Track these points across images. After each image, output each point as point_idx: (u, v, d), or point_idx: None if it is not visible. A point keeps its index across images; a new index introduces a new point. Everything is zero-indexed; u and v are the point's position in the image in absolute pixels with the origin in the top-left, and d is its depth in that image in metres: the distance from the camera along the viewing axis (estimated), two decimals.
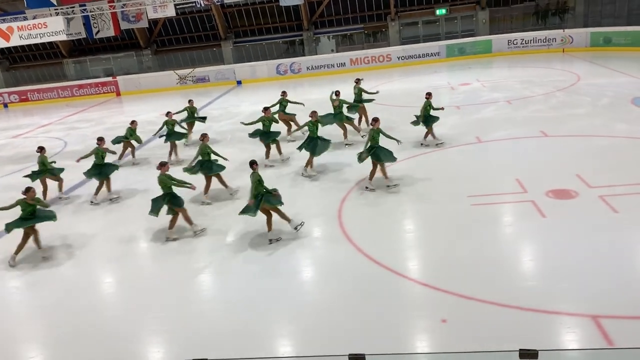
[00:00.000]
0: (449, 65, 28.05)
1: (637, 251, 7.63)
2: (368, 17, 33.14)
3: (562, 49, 27.64)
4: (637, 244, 7.76)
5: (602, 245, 7.68)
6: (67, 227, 10.81)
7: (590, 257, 7.40)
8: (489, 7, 31.58)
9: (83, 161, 12.68)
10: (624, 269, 7.06)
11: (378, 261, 7.93)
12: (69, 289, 8.42)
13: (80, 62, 35.80)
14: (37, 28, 23.94)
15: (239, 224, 9.98)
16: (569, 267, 7.22)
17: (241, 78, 30.84)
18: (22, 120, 27.07)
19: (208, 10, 32.39)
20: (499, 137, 13.52)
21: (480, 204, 9.57)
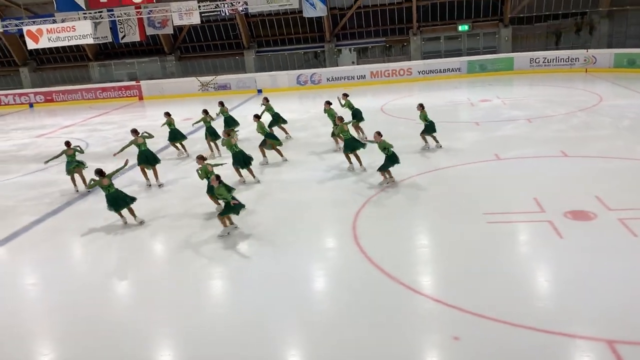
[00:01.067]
0: (470, 81, 27.98)
1: None
2: (390, 31, 33.27)
3: (585, 69, 27.42)
4: None
5: (620, 269, 7.56)
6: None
7: (607, 281, 7.30)
8: (512, 25, 31.50)
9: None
10: None
11: (391, 275, 7.91)
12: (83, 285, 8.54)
13: (105, 66, 36.45)
14: (65, 31, 24.46)
15: (251, 230, 10.05)
16: (585, 290, 7.13)
17: (262, 87, 31.11)
18: (46, 121, 27.60)
19: (232, 19, 32.82)
20: (518, 155, 13.43)
21: (497, 221, 9.51)
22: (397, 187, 11.78)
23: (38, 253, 10.04)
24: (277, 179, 13.38)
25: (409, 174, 12.60)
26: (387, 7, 32.32)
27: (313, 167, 14.07)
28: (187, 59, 35.70)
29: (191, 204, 11.91)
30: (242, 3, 28.50)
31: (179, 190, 13.11)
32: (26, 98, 34.05)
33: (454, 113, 19.93)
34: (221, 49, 35.40)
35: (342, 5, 32.64)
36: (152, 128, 19.85)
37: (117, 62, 36.26)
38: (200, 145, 17.05)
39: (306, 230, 9.95)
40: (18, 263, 9.83)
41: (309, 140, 17.34)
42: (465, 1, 31.51)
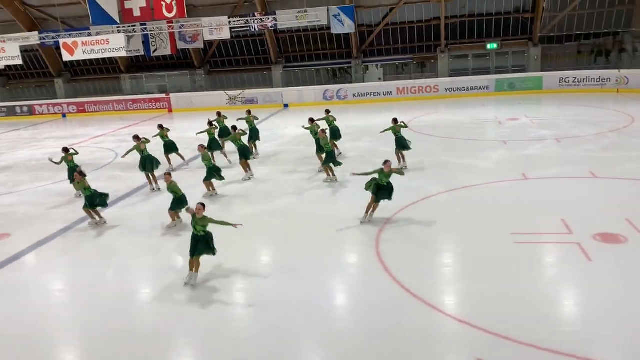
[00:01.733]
0: (498, 99, 27.76)
1: None
2: (418, 48, 33.28)
3: (616, 90, 26.94)
4: None
5: None
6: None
7: (637, 307, 7.10)
8: (541, 44, 31.20)
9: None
10: None
11: (414, 293, 7.83)
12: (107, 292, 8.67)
13: (136, 78, 37.27)
14: (99, 44, 25.16)
15: (274, 243, 10.08)
16: (613, 315, 6.94)
17: (288, 102, 31.39)
18: (78, 131, 28.30)
19: (262, 34, 33.28)
20: (545, 175, 13.23)
21: (524, 242, 9.35)
22: (421, 204, 11.70)
23: (66, 260, 10.25)
24: (300, 192, 13.42)
25: (434, 191, 12.52)
26: (416, 25, 32.37)
27: (339, 182, 14.07)
28: (216, 73, 36.28)
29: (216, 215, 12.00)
30: (271, 19, 28.93)
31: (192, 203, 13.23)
32: (60, 108, 35.00)
33: (480, 131, 19.76)
34: (249, 64, 35.89)
35: (370, 22, 32.82)
36: (180, 139, 20.18)
37: (148, 74, 37.05)
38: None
39: (329, 245, 9.94)
40: (46, 269, 10.03)
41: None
42: (495, 19, 31.38)
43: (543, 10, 29.66)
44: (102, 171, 17.40)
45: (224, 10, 32.23)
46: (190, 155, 18.00)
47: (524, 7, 30.81)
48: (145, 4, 27.53)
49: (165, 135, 16.69)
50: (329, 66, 34.82)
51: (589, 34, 30.75)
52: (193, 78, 36.23)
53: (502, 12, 31.11)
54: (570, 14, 30.07)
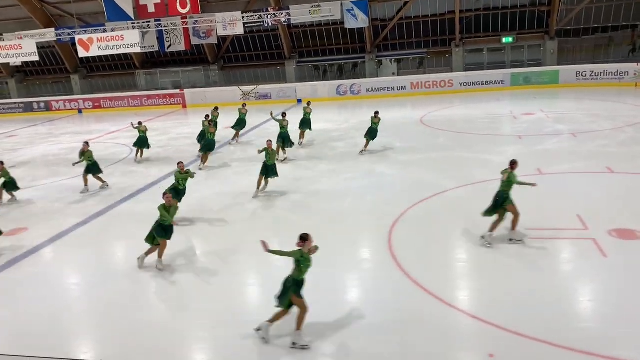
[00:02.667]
0: (513, 94, 27.48)
1: None
2: (432, 42, 33.04)
3: (635, 83, 26.52)
4: None
5: None
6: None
7: None
8: (557, 38, 30.78)
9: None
10: None
11: (427, 288, 7.82)
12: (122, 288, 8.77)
13: (151, 74, 37.53)
14: (114, 40, 25.35)
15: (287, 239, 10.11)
16: (629, 312, 6.87)
17: (302, 97, 31.38)
18: (94, 126, 28.59)
19: (275, 30, 33.28)
20: (561, 170, 13.09)
21: (539, 237, 9.28)
22: (435, 199, 11.65)
23: (82, 254, 10.38)
24: (313, 188, 13.44)
25: (448, 186, 12.46)
26: (430, 19, 32.12)
27: (351, 177, 14.07)
28: (230, 69, 36.38)
29: (231, 210, 12.09)
30: (284, 14, 28.92)
31: (205, 198, 13.32)
32: (76, 104, 35.39)
33: (495, 126, 19.59)
34: (263, 59, 35.92)
35: (384, 16, 32.64)
36: (194, 135, 20.30)
37: (163, 70, 37.27)
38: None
39: (342, 240, 9.94)
40: (62, 263, 10.18)
41: (347, 150, 17.36)
42: (510, 13, 31.01)
43: (560, 3, 29.24)
44: (117, 166, 17.57)
45: (238, 6, 32.26)
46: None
47: (541, 0, 30.42)
48: (159, 0, 27.70)
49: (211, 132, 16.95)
50: (343, 61, 34.72)
51: (606, 26, 30.27)
52: (207, 73, 36.38)
53: (518, 5, 30.73)
54: (588, 6, 29.60)
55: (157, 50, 32.95)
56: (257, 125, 23.61)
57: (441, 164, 14.55)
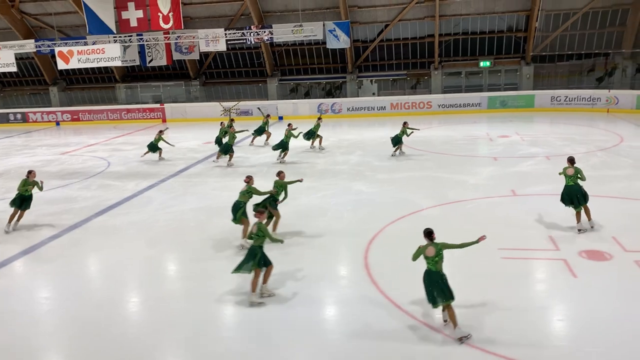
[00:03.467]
0: (490, 116, 28.04)
1: None
2: (412, 64, 33.63)
3: (606, 109, 27.31)
4: None
5: (634, 312, 7.43)
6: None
7: (621, 323, 7.16)
8: (533, 63, 31.62)
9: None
10: None
11: (401, 306, 7.87)
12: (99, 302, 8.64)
13: (131, 88, 37.37)
14: (95, 53, 25.21)
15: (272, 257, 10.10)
16: (598, 331, 7.01)
17: (283, 114, 31.54)
18: (71, 139, 28.27)
19: (258, 47, 33.54)
20: (535, 191, 13.37)
21: (511, 257, 9.43)
22: (411, 218, 11.78)
23: (54, 267, 10.21)
24: (292, 204, 13.44)
25: (424, 205, 12.61)
26: (410, 42, 32.75)
27: (329, 194, 14.15)
28: (212, 84, 36.44)
29: (206, 228, 12.05)
30: (267, 32, 29.18)
31: (182, 213, 13.26)
32: (53, 116, 34.99)
33: (472, 147, 19.94)
34: (245, 76, 36.09)
35: (365, 38, 33.16)
36: (173, 150, 20.30)
37: (143, 84, 37.15)
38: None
39: (318, 257, 9.97)
40: (34, 276, 9.98)
41: (327, 167, 17.49)
42: (488, 38, 31.80)
43: (535, 30, 30.10)
44: (94, 179, 17.38)
45: (221, 23, 32.51)
46: (183, 164, 18.01)
47: (517, 26, 31.28)
48: (142, 14, 27.68)
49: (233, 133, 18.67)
50: (324, 80, 35.06)
51: (580, 54, 31.20)
52: (188, 89, 36.37)
53: (495, 31, 31.56)
54: (562, 34, 30.54)
55: (138, 64, 32.87)
56: (238, 141, 23.58)
57: (418, 183, 14.74)
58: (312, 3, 31.17)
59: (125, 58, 31.10)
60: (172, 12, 26.22)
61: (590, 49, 30.85)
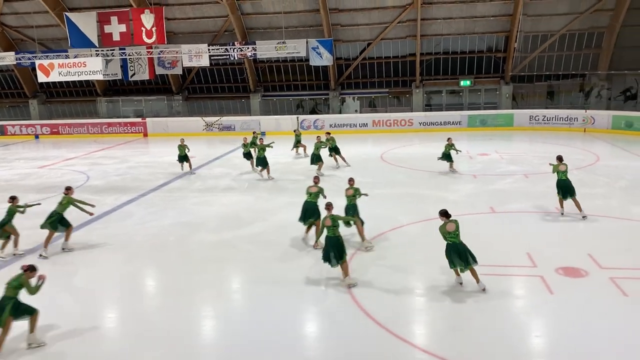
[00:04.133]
0: (470, 134, 28.41)
1: None
2: (394, 83, 34.03)
3: (583, 129, 27.90)
4: None
5: (608, 328, 7.54)
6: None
7: (596, 339, 7.26)
8: (512, 83, 32.25)
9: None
10: (632, 355, 6.91)
11: (380, 322, 7.87)
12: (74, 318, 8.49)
13: (112, 102, 37.13)
14: (76, 66, 25.13)
15: (244, 271, 10.05)
16: (574, 347, 7.09)
17: (266, 129, 31.59)
18: (50, 152, 27.89)
19: (241, 63, 33.67)
20: (513, 209, 13.54)
21: (489, 274, 9.48)
22: (391, 234, 11.84)
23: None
24: (273, 220, 13.45)
25: (404, 222, 12.69)
26: (392, 60, 33.19)
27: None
28: (194, 99, 36.40)
29: (186, 243, 11.95)
30: (250, 49, 29.37)
31: (162, 228, 13.16)
32: (32, 129, 34.54)
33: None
34: (228, 91, 36.13)
35: (348, 55, 33.53)
36: (155, 164, 20.16)
37: (125, 98, 36.95)
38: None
39: (298, 274, 9.93)
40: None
41: (308, 182, 17.42)
42: (468, 58, 32.38)
43: (514, 51, 30.75)
44: None
45: (204, 38, 32.60)
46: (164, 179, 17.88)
47: (497, 46, 31.93)
48: (125, 29, 27.74)
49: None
50: (307, 97, 35.27)
51: (558, 74, 31.94)
52: (170, 103, 36.27)
53: (475, 51, 32.15)
54: (540, 55, 31.24)
55: (120, 78, 32.75)
56: (220, 156, 23.57)
57: (399, 200, 14.84)
58: (296, 21, 31.48)
59: (107, 72, 31.01)
60: (156, 27, 26.31)
61: (568, 69, 31.59)
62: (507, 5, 29.61)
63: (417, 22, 30.25)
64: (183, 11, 31.65)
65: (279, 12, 30.15)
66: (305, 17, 31.29)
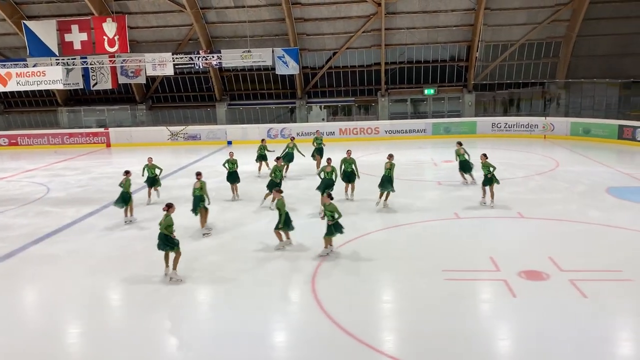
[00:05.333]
0: (434, 142, 28.85)
1: (604, 338, 7.65)
2: (360, 91, 34.33)
3: (543, 136, 28.69)
4: (604, 330, 7.81)
5: (569, 329, 7.74)
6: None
7: (558, 340, 7.43)
8: (475, 91, 32.96)
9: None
10: (592, 357, 7.09)
11: (347, 329, 7.88)
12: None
13: (74, 112, 36.27)
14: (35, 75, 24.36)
15: (210, 280, 9.94)
16: (536, 350, 7.24)
17: (232, 138, 31.39)
18: (8, 164, 27.02)
19: (206, 72, 33.41)
20: (476, 215, 13.79)
21: (454, 279, 9.65)
22: (359, 241, 11.89)
23: None
24: (239, 229, 13.34)
25: (371, 229, 12.77)
26: (357, 69, 33.50)
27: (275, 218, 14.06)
28: (159, 109, 35.88)
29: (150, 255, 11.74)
30: (216, 57, 29.19)
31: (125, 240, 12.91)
32: None
33: (417, 172, 20.43)
34: (193, 100, 35.76)
35: (314, 64, 33.68)
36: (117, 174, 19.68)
37: (87, 108, 36.15)
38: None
39: (265, 282, 9.88)
40: None
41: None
42: (432, 67, 32.96)
43: (476, 60, 31.47)
44: (32, 206, 16.64)
45: (168, 47, 32.25)
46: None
47: (459, 56, 32.59)
48: (86, 37, 27.23)
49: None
50: (274, 105, 35.22)
51: (518, 83, 32.82)
52: (134, 113, 35.67)
53: (439, 60, 32.75)
54: (501, 64, 32.04)
55: (82, 87, 32.06)
56: (185, 166, 23.29)
57: (366, 207, 14.92)
58: (261, 30, 31.47)
59: (68, 81, 30.29)
60: (118, 35, 25.92)
61: (528, 78, 32.50)
62: (468, 15, 30.31)
63: (381, 32, 30.65)
64: (146, 19, 31.26)
65: (244, 21, 30.09)
66: (270, 26, 31.32)
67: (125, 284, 10.18)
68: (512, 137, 29.19)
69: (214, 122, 34.37)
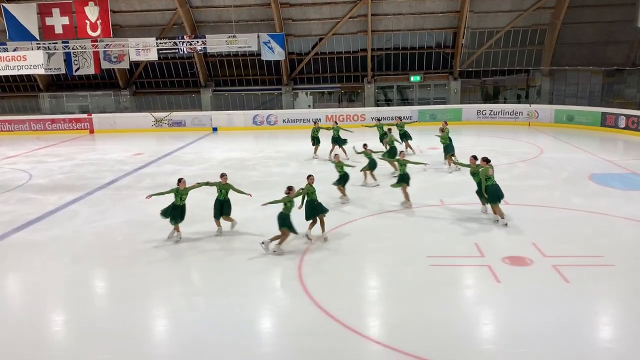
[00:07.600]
0: (420, 129, 28.88)
1: (586, 322, 7.78)
2: (346, 78, 34.21)
3: (528, 123, 28.91)
4: (586, 315, 7.94)
5: (552, 313, 7.85)
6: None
7: (541, 325, 7.54)
8: (460, 78, 33.02)
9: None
10: (574, 340, 7.21)
11: (334, 315, 7.91)
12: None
13: (56, 97, 35.67)
14: (15, 60, 23.87)
15: (196, 269, 9.90)
16: (521, 334, 7.34)
17: (217, 125, 31.17)
18: None
19: (191, 57, 33.00)
20: (462, 201, 13.87)
21: (439, 265, 9.73)
22: (344, 228, 11.92)
23: None
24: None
25: (357, 215, 12.80)
26: (344, 55, 33.34)
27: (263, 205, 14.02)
28: (142, 94, 35.43)
29: (134, 242, 11.65)
30: (200, 43, 28.82)
31: (109, 227, 12.80)
32: None
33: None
34: (178, 86, 35.37)
35: (300, 50, 33.45)
36: (102, 161, 19.50)
37: (69, 94, 35.58)
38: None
39: (251, 269, 9.87)
40: None
41: (261, 179, 17.40)
42: (418, 53, 32.92)
43: (462, 47, 31.49)
44: (13, 193, 16.40)
45: (152, 32, 31.76)
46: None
47: (445, 42, 32.59)
48: (68, 21, 26.64)
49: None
50: (260, 91, 34.98)
51: (503, 70, 32.94)
52: (117, 98, 35.20)
53: (425, 47, 32.72)
54: (486, 51, 32.11)
55: (64, 72, 31.51)
56: (169, 153, 23.09)
57: (351, 194, 14.93)
58: (247, 15, 31.12)
59: (50, 66, 29.73)
60: (100, 19, 25.44)
61: (513, 65, 32.63)
62: (454, 2, 30.26)
63: (367, 18, 30.49)
64: (129, 4, 30.72)
65: (229, 6, 29.73)
66: (256, 11, 30.97)
67: (109, 271, 10.11)
68: (497, 124, 29.39)
69: (198, 109, 34.07)
